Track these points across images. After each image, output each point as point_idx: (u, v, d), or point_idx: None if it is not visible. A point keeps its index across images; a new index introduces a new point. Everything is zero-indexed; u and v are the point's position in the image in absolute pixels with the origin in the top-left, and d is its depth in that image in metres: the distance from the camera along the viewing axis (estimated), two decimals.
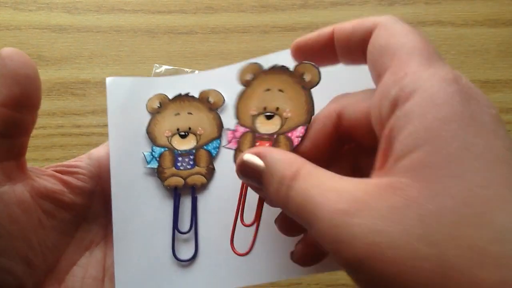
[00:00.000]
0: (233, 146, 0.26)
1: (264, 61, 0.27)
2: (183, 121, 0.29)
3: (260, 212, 0.25)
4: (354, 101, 0.22)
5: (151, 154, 0.28)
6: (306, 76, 0.24)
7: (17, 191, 0.24)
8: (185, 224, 0.27)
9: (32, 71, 0.23)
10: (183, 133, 0.29)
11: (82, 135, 0.47)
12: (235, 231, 0.26)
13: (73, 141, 0.47)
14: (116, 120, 0.29)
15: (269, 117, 0.25)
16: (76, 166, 0.28)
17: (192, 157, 0.29)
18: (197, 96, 0.29)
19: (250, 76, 0.26)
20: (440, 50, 0.49)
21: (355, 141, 0.23)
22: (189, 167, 0.28)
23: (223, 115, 0.29)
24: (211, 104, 0.29)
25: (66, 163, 0.29)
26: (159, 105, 0.29)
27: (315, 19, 0.50)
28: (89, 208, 0.29)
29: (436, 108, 0.17)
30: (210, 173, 0.28)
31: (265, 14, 0.50)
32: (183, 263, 0.27)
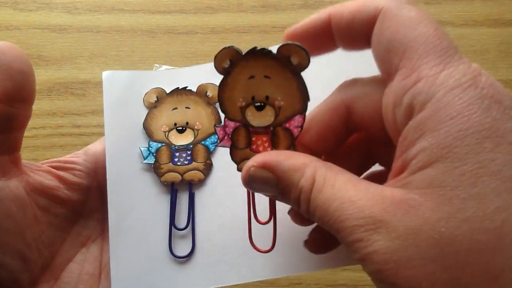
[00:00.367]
0: (226, 144, 0.24)
1: None
2: (180, 116, 0.29)
3: (274, 208, 0.24)
4: (365, 93, 0.21)
5: (148, 150, 0.28)
6: (293, 59, 0.21)
7: (11, 187, 0.24)
8: (182, 220, 0.27)
9: (25, 66, 0.23)
10: (180, 128, 0.29)
11: (82, 135, 0.47)
12: (251, 229, 0.24)
13: (73, 141, 0.47)
14: (112, 114, 0.28)
15: (259, 107, 0.23)
16: (72, 162, 0.28)
17: (189, 152, 0.28)
18: (194, 90, 0.29)
19: (227, 64, 0.23)
20: None
21: (365, 131, 0.23)
22: (186, 162, 0.28)
23: None
24: (209, 98, 0.29)
25: (62, 159, 0.28)
26: (156, 99, 0.29)
27: None
28: (85, 203, 0.28)
29: (451, 122, 0.16)
30: (207, 168, 0.28)
31: (265, 14, 0.50)
32: (180, 259, 0.27)
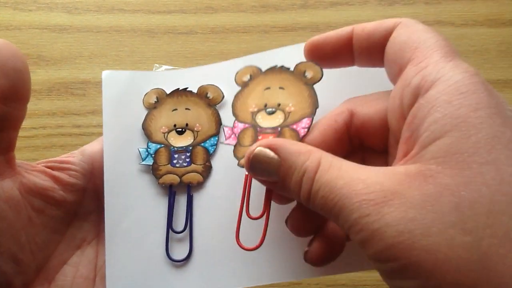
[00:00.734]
0: (232, 141, 0.25)
1: (262, 57, 0.27)
2: (180, 117, 0.28)
3: (269, 204, 0.23)
4: (367, 101, 0.23)
5: (147, 151, 0.28)
6: (308, 74, 0.24)
7: (5, 187, 0.24)
8: (179, 223, 0.27)
9: (20, 64, 0.23)
10: (180, 129, 0.28)
11: (82, 135, 0.47)
12: (239, 227, 0.24)
13: (73, 141, 0.47)
14: (111, 114, 0.28)
15: (271, 113, 0.25)
16: (68, 162, 0.28)
17: (188, 154, 0.28)
18: (195, 91, 0.28)
19: (248, 78, 0.26)
20: None
21: (365, 141, 0.23)
22: (185, 164, 0.28)
23: (222, 111, 0.28)
24: (209, 99, 0.28)
25: (58, 159, 0.28)
26: (156, 100, 0.29)
27: (315, 19, 0.50)
28: (80, 205, 0.28)
29: (462, 96, 0.17)
30: (206, 171, 0.27)
31: (265, 14, 0.50)
32: (176, 263, 0.26)
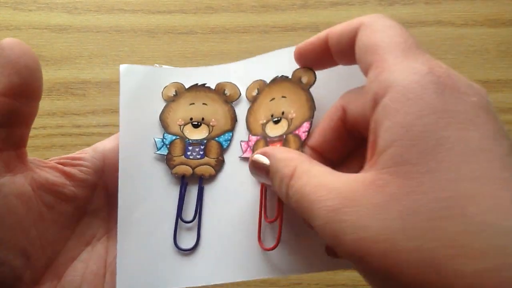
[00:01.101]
0: (248, 154, 0.27)
1: (261, 59, 0.29)
2: (197, 111, 0.29)
3: (281, 207, 0.25)
4: (355, 95, 0.23)
5: (162, 141, 0.28)
6: (303, 79, 0.26)
7: (17, 183, 0.24)
8: (189, 214, 0.27)
9: (32, 62, 0.23)
10: (196, 123, 0.29)
11: (82, 135, 0.47)
12: (261, 228, 0.26)
13: (73, 141, 0.47)
14: (128, 106, 0.29)
15: (276, 122, 0.27)
16: (80, 159, 0.28)
17: (202, 147, 0.29)
18: (213, 87, 0.29)
19: (256, 92, 0.28)
20: (440, 50, 0.49)
21: (364, 135, 0.24)
22: (198, 157, 0.28)
23: (238, 108, 0.29)
24: (227, 96, 0.29)
25: (70, 156, 0.28)
26: (174, 93, 0.29)
27: (315, 19, 0.50)
28: (91, 201, 0.28)
29: (409, 103, 0.17)
30: (219, 164, 0.28)
31: (265, 14, 0.50)
32: (184, 252, 0.27)
